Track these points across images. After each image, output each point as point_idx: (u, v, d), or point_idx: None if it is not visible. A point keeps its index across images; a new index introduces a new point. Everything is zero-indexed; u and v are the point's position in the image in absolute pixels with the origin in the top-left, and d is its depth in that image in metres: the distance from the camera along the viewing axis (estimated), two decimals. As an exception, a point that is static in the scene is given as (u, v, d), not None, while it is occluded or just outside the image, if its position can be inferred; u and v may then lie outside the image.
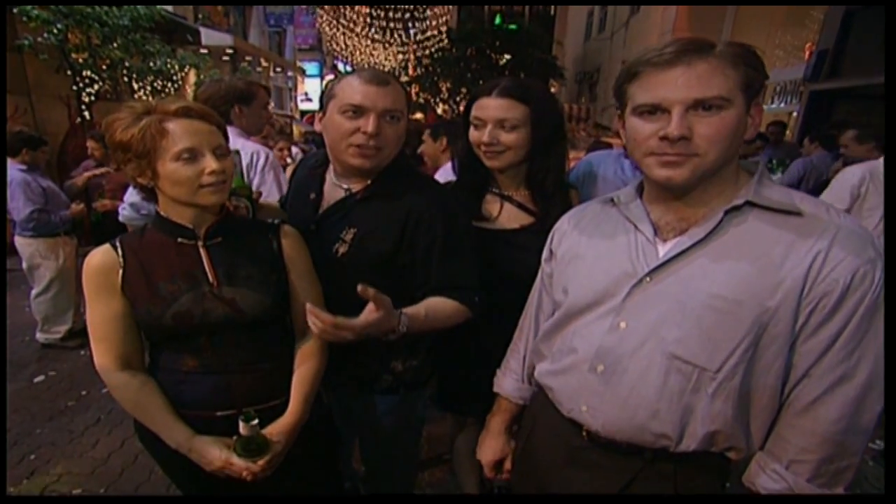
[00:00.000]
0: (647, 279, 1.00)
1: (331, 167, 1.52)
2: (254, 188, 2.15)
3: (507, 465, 1.40)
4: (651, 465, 1.04)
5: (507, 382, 1.38)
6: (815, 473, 0.92)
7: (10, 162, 3.69)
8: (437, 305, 1.38)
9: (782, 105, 7.77)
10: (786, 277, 0.89)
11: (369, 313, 1.17)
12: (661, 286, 0.98)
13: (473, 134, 1.55)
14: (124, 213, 2.54)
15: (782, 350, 0.91)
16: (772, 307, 0.89)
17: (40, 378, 3.55)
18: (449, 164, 2.80)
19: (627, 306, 1.01)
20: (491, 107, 1.49)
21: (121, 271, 1.23)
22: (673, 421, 0.97)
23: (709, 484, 1.04)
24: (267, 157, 2.29)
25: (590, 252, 1.12)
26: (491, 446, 1.40)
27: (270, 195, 2.17)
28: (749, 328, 0.90)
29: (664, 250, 1.00)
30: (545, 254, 1.29)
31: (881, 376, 0.89)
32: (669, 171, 0.93)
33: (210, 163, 1.17)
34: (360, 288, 1.13)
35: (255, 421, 1.19)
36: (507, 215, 1.60)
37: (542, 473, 1.23)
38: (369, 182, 1.44)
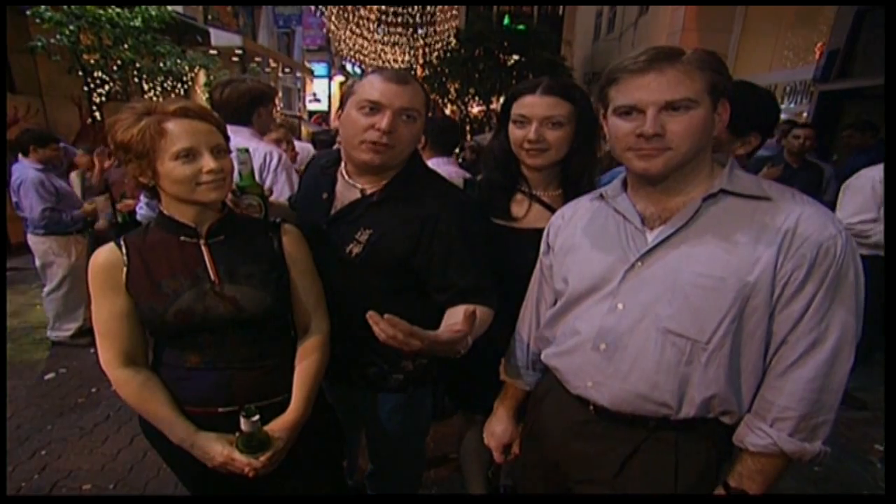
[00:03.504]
0: (639, 264, 1.10)
1: (342, 167, 1.53)
2: (266, 187, 2.18)
3: (516, 448, 1.48)
4: (654, 434, 1.13)
5: (513, 369, 1.46)
6: (795, 429, 1.02)
7: (26, 161, 3.76)
8: (478, 314, 1.28)
9: (792, 105, 7.71)
10: (761, 255, 0.99)
11: (454, 331, 1.11)
12: (652, 269, 1.08)
13: (516, 133, 1.53)
14: (142, 212, 2.60)
15: (763, 320, 1.02)
16: (751, 282, 1.00)
17: (51, 375, 3.60)
18: (437, 160, 2.82)
19: (623, 289, 1.11)
20: (537, 104, 1.49)
21: (125, 269, 1.25)
22: (672, 390, 1.07)
23: (707, 449, 1.13)
24: (280, 158, 2.33)
25: (585, 243, 1.22)
26: (499, 431, 1.48)
27: (282, 195, 2.19)
28: (732, 302, 1.01)
29: (651, 237, 1.10)
30: (543, 247, 1.37)
31: (849, 339, 1.00)
32: (646, 162, 1.04)
33: (208, 162, 1.19)
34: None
35: (256, 417, 1.20)
36: (535, 215, 1.59)
37: (550, 448, 1.31)
38: (385, 183, 1.44)
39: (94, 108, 7.03)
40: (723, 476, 1.14)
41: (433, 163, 2.60)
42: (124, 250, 1.26)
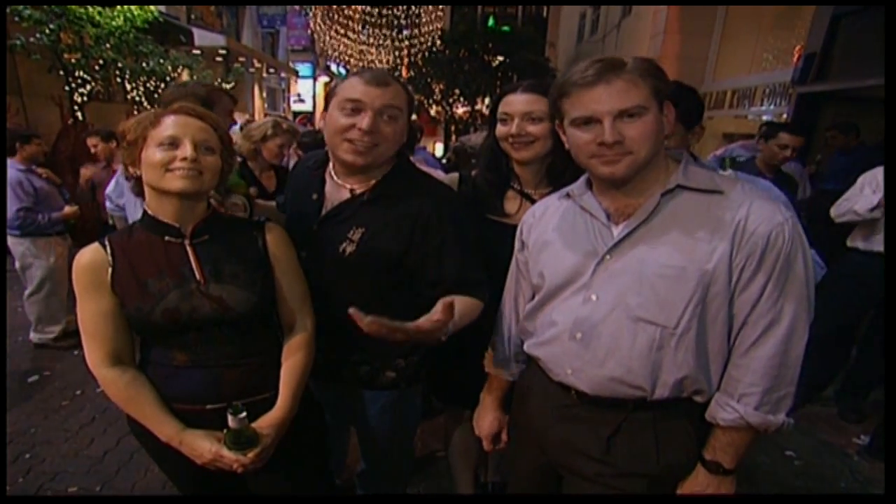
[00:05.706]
0: (608, 257, 1.17)
1: (330, 167, 1.55)
2: None
3: (504, 436, 1.54)
4: (633, 415, 1.20)
5: (497, 361, 1.51)
6: (760, 402, 1.10)
7: (10, 161, 3.68)
8: (463, 305, 1.35)
9: (772, 107, 7.82)
10: (717, 245, 1.08)
11: (433, 321, 1.15)
12: (620, 262, 1.16)
13: (501, 129, 1.61)
14: (109, 205, 2.62)
15: (724, 304, 1.10)
16: (710, 269, 1.08)
17: (34, 378, 3.56)
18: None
19: (595, 281, 1.18)
20: (517, 101, 1.57)
21: (110, 269, 1.26)
22: (645, 374, 1.14)
23: (682, 427, 1.21)
24: None
25: (557, 239, 1.28)
26: (488, 420, 1.55)
27: None
28: (695, 289, 1.08)
29: (617, 232, 1.18)
30: (517, 245, 1.43)
31: (802, 317, 1.08)
32: (611, 168, 1.12)
33: (185, 150, 1.20)
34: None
35: (243, 414, 1.22)
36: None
37: (537, 433, 1.37)
38: (374, 183, 1.47)
39: (76, 108, 6.93)
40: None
41: None
42: (109, 250, 1.27)
